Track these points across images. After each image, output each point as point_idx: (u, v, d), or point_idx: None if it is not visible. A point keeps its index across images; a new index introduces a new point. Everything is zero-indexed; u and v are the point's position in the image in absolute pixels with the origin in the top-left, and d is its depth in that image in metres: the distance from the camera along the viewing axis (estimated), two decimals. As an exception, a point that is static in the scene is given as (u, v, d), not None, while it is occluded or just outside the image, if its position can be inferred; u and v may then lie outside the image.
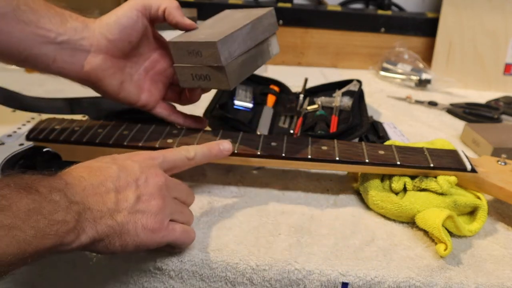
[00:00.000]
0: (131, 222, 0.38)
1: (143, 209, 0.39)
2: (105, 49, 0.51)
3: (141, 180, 0.40)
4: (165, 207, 0.40)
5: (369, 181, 0.53)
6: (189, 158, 0.46)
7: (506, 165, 0.53)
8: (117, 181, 0.39)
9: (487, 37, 0.97)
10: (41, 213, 0.32)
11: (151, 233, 0.39)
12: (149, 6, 0.51)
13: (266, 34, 0.54)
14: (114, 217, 0.37)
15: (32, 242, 0.31)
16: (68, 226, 0.33)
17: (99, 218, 0.36)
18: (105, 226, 0.36)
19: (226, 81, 0.50)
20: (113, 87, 0.53)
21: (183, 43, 0.50)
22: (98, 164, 0.40)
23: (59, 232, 0.33)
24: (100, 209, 0.37)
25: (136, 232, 0.38)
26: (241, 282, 0.44)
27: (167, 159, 0.44)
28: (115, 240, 0.37)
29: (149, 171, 0.41)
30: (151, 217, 0.39)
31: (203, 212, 0.51)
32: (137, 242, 0.38)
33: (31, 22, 0.47)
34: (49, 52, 0.49)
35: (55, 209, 0.33)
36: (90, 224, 0.35)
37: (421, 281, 0.43)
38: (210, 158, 0.48)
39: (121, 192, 0.38)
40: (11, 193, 0.31)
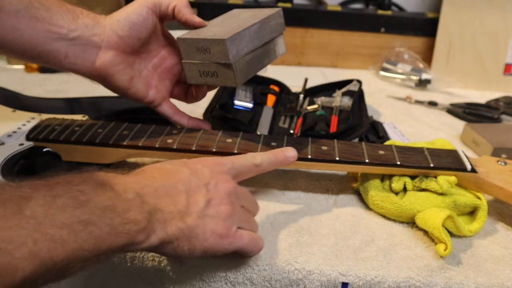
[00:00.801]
0: (200, 226, 0.38)
1: (212, 214, 0.39)
2: (116, 45, 0.51)
3: (211, 185, 0.40)
4: (233, 213, 0.40)
5: (369, 181, 0.53)
6: (256, 165, 0.45)
7: (506, 165, 0.53)
8: (188, 184, 0.39)
9: (487, 37, 0.97)
10: (115, 211, 0.32)
11: (219, 239, 0.39)
12: (159, 3, 0.52)
13: (273, 34, 0.55)
14: (184, 219, 0.37)
15: (106, 239, 0.31)
16: (140, 225, 0.34)
17: (170, 219, 0.36)
18: (175, 228, 0.36)
19: (233, 79, 0.50)
20: (123, 82, 0.53)
21: (192, 40, 0.51)
22: (169, 166, 0.40)
23: (131, 231, 0.33)
24: (170, 211, 0.37)
25: (204, 236, 0.38)
26: (241, 282, 0.44)
27: (235, 165, 0.44)
28: (183, 243, 0.37)
29: (219, 176, 0.41)
30: (220, 222, 0.39)
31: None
32: (205, 246, 0.38)
33: (44, 18, 0.48)
34: (61, 48, 0.49)
35: (128, 208, 0.33)
36: (161, 225, 0.35)
37: (421, 281, 0.43)
38: (276, 165, 0.47)
39: (192, 195, 0.38)
40: (88, 189, 0.32)
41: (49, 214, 0.29)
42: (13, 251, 0.26)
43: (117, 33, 0.51)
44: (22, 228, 0.27)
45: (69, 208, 0.30)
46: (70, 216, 0.29)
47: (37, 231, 0.28)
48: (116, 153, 0.54)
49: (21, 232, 0.27)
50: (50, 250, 0.28)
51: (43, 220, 0.28)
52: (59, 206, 0.29)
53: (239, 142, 0.53)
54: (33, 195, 0.29)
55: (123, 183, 0.35)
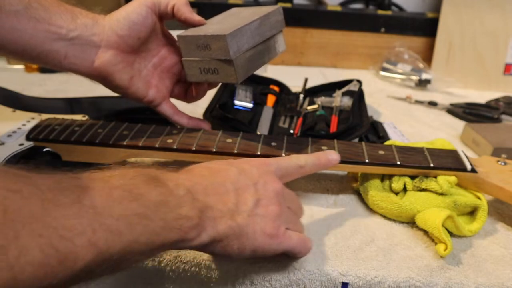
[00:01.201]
0: (250, 225, 0.37)
1: (261, 213, 0.38)
2: (115, 44, 0.51)
3: (260, 184, 0.40)
4: (282, 214, 0.40)
5: (369, 181, 0.53)
6: (301, 166, 0.45)
7: (506, 165, 0.53)
8: (237, 183, 0.39)
9: (487, 37, 0.97)
10: (168, 206, 0.32)
11: (269, 239, 0.38)
12: (158, 2, 0.52)
13: (273, 31, 0.55)
14: (234, 218, 0.37)
15: (160, 233, 0.31)
16: (192, 222, 0.34)
17: (220, 217, 0.36)
18: (225, 226, 0.36)
19: (234, 75, 0.50)
20: (123, 81, 0.53)
21: (192, 37, 0.51)
22: (217, 165, 0.40)
23: (183, 227, 0.33)
24: (221, 209, 0.36)
25: (254, 236, 0.37)
26: (241, 282, 0.44)
27: (281, 166, 0.43)
28: (233, 242, 0.37)
29: (267, 177, 0.41)
30: (269, 222, 0.38)
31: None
32: (254, 246, 0.38)
33: (43, 19, 0.48)
34: (60, 49, 0.49)
35: (180, 204, 0.33)
36: (211, 223, 0.35)
37: (421, 281, 0.43)
38: (319, 167, 0.47)
39: (241, 194, 0.38)
40: (141, 184, 0.32)
41: (106, 205, 0.29)
42: (74, 239, 0.26)
43: (116, 32, 0.51)
44: (82, 217, 0.27)
45: (125, 201, 0.30)
46: (126, 208, 0.30)
47: (96, 221, 0.28)
48: (116, 153, 0.54)
49: (81, 220, 0.27)
50: (107, 241, 0.28)
51: (101, 211, 0.28)
52: (116, 198, 0.30)
53: (239, 142, 0.53)
54: (91, 186, 0.30)
55: (175, 179, 0.35)
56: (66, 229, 0.26)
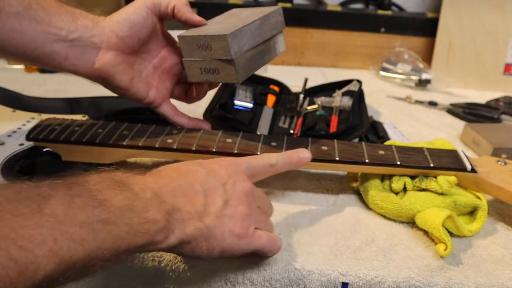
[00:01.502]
0: (219, 226, 0.37)
1: (230, 214, 0.38)
2: (116, 46, 0.51)
3: (229, 185, 0.40)
4: (251, 213, 0.40)
5: (369, 181, 0.53)
6: (272, 165, 0.45)
7: (506, 165, 0.53)
8: (205, 184, 0.39)
9: (487, 37, 0.97)
10: (134, 211, 0.32)
11: (237, 239, 0.38)
12: (158, 3, 0.52)
13: (273, 32, 0.55)
14: (202, 219, 0.37)
15: (125, 238, 0.31)
16: (159, 225, 0.33)
17: (188, 219, 0.36)
18: (193, 228, 0.36)
19: (235, 75, 0.50)
20: (123, 82, 0.53)
21: (192, 37, 0.51)
22: (185, 166, 0.40)
23: (150, 231, 0.33)
24: (188, 210, 0.36)
25: (223, 236, 0.38)
26: (241, 282, 0.44)
27: (251, 165, 0.44)
28: (202, 244, 0.37)
29: (236, 177, 0.41)
30: (238, 223, 0.38)
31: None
32: (223, 247, 0.38)
33: (43, 20, 0.48)
34: (61, 50, 0.49)
35: (147, 208, 0.33)
36: (179, 225, 0.35)
37: (421, 281, 0.43)
38: (290, 165, 0.47)
39: (209, 195, 0.38)
40: (106, 189, 0.32)
41: (68, 213, 0.29)
42: (34, 249, 0.26)
43: (116, 33, 0.51)
44: (43, 227, 0.27)
45: (88, 207, 0.30)
46: (89, 215, 0.29)
47: (57, 230, 0.27)
48: (116, 153, 0.54)
49: (42, 230, 0.27)
50: (70, 249, 0.28)
51: (62, 219, 0.28)
52: (78, 205, 0.29)
53: (239, 142, 0.53)
54: (52, 194, 0.29)
55: (141, 182, 0.35)
56: (26, 239, 0.26)
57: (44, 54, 0.49)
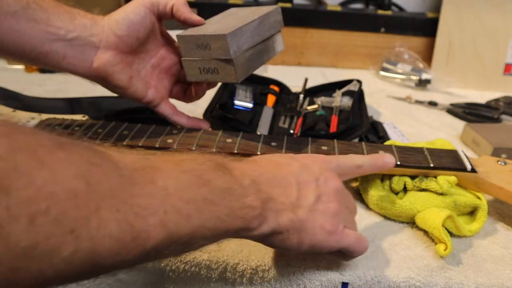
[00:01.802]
0: (310, 220, 0.37)
1: (322, 209, 0.38)
2: (114, 45, 0.51)
3: (321, 180, 0.40)
4: (341, 211, 0.40)
5: (369, 181, 0.53)
6: (359, 166, 0.45)
7: (506, 165, 0.53)
8: (299, 177, 0.39)
9: (487, 37, 0.97)
10: (234, 194, 0.33)
11: (327, 235, 0.38)
12: (157, 3, 0.52)
13: (272, 31, 0.55)
14: (295, 212, 0.37)
15: (225, 220, 0.32)
16: (255, 212, 0.34)
17: (281, 210, 0.36)
18: (286, 219, 0.36)
19: (234, 74, 0.50)
20: (122, 82, 0.53)
21: (191, 37, 0.51)
22: (279, 159, 0.41)
23: (247, 216, 0.33)
24: (283, 201, 0.37)
25: (314, 231, 0.38)
26: (241, 282, 0.44)
27: (340, 164, 0.44)
28: (293, 236, 0.37)
29: (327, 173, 0.41)
30: (328, 219, 0.38)
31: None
32: (313, 241, 0.38)
33: (41, 20, 0.48)
34: (59, 49, 0.49)
35: (245, 193, 0.34)
36: (273, 214, 0.36)
37: (421, 281, 0.43)
38: (375, 169, 0.47)
39: (302, 189, 0.38)
40: (210, 170, 0.33)
41: (178, 188, 0.29)
42: (148, 218, 0.27)
43: (115, 33, 0.51)
44: (155, 198, 0.28)
45: (194, 185, 0.31)
46: (195, 193, 0.30)
47: (167, 202, 0.28)
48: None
49: (154, 201, 0.28)
50: (177, 223, 0.29)
51: (172, 192, 0.29)
52: (186, 182, 0.30)
53: (239, 142, 0.53)
54: (163, 168, 0.30)
55: (240, 168, 0.36)
56: (141, 207, 0.27)
57: (43, 54, 0.49)
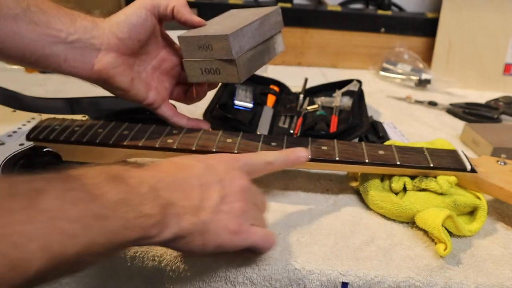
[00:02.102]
0: (214, 221, 0.38)
1: (226, 210, 0.39)
2: (115, 47, 0.51)
3: (226, 181, 0.40)
4: (247, 210, 0.40)
5: (369, 181, 0.53)
6: (269, 163, 0.45)
7: (505, 165, 0.53)
8: (203, 179, 0.39)
9: (487, 37, 0.97)
10: (129, 205, 0.32)
11: (232, 235, 0.39)
12: (157, 4, 0.52)
13: (272, 32, 0.55)
14: (197, 214, 0.37)
15: (119, 233, 0.31)
16: (154, 219, 0.34)
17: (183, 214, 0.36)
18: (188, 223, 0.36)
19: (236, 75, 0.50)
20: (124, 84, 0.53)
21: (193, 37, 0.51)
22: (183, 161, 0.40)
23: (144, 225, 0.33)
24: (184, 205, 0.36)
25: (217, 232, 0.38)
26: (241, 282, 0.44)
27: (249, 162, 0.44)
28: (197, 239, 0.37)
29: (234, 173, 0.41)
30: (233, 219, 0.39)
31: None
32: (217, 242, 0.38)
33: (42, 22, 0.48)
34: (60, 52, 0.49)
35: (142, 202, 0.33)
36: (175, 219, 0.35)
37: (421, 280, 0.43)
38: (287, 164, 0.48)
39: (206, 190, 0.38)
40: (102, 183, 0.32)
41: (62, 208, 0.29)
42: (26, 245, 0.26)
43: (116, 35, 0.51)
44: (35, 222, 0.27)
45: (82, 202, 0.30)
46: (82, 210, 0.29)
47: (50, 225, 0.27)
48: (116, 153, 0.54)
49: (35, 225, 0.27)
50: (62, 245, 0.28)
51: (56, 214, 0.28)
52: (72, 199, 0.29)
53: (239, 142, 0.53)
54: (47, 188, 0.29)
55: (138, 176, 0.35)
56: (18, 235, 0.26)
57: (43, 57, 0.49)
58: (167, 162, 0.40)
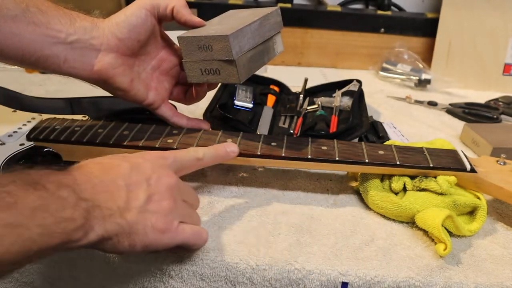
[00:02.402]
0: (141, 221, 0.37)
1: (153, 209, 0.38)
2: (115, 47, 0.51)
3: (153, 180, 0.40)
4: (175, 208, 0.40)
5: (369, 181, 0.53)
6: (198, 159, 0.45)
7: (505, 165, 0.53)
8: (129, 179, 0.38)
9: (487, 37, 0.97)
10: (48, 211, 0.31)
11: (160, 234, 0.38)
12: (157, 5, 0.52)
13: (272, 32, 0.55)
14: (123, 215, 0.37)
15: (37, 240, 0.30)
16: (76, 223, 0.33)
17: (108, 216, 0.36)
18: (114, 224, 0.36)
19: (236, 75, 0.50)
20: (124, 84, 0.53)
21: (193, 38, 0.51)
22: (109, 161, 0.40)
23: (66, 230, 0.32)
24: (109, 206, 0.36)
25: (145, 232, 0.38)
26: (241, 282, 0.44)
27: (178, 159, 0.44)
28: (123, 239, 0.37)
29: (161, 171, 0.41)
30: (160, 218, 0.39)
31: (203, 212, 0.51)
32: (145, 242, 0.38)
33: (41, 23, 0.48)
34: (59, 53, 0.49)
35: (63, 206, 0.32)
36: (99, 222, 0.35)
37: (421, 280, 0.43)
38: (217, 159, 0.48)
39: (132, 190, 0.38)
40: (17, 190, 0.31)
41: None
42: None
43: (116, 35, 0.51)
44: None
45: None
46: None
47: None
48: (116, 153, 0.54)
49: None
50: None
51: None
52: None
53: (239, 142, 0.53)
54: None
55: (57, 180, 0.34)
56: None
57: (43, 57, 0.49)
58: (91, 163, 0.39)
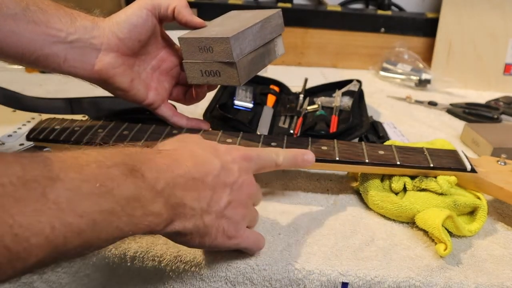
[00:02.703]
0: (215, 225, 0.38)
1: (229, 215, 0.39)
2: (116, 47, 0.51)
3: (237, 185, 0.40)
4: (247, 215, 0.41)
5: (369, 181, 0.53)
6: (277, 164, 0.45)
7: (505, 165, 0.53)
8: (217, 179, 0.39)
9: (487, 37, 0.97)
10: (140, 201, 0.32)
11: (227, 239, 0.40)
12: (158, 5, 0.52)
13: (273, 34, 0.55)
14: (203, 217, 0.37)
15: (123, 229, 0.31)
16: (161, 218, 0.34)
17: (190, 216, 0.37)
18: (192, 225, 0.37)
19: (236, 77, 0.50)
20: (124, 84, 0.53)
21: (194, 39, 0.51)
22: (202, 153, 0.39)
23: (151, 224, 0.33)
24: (194, 207, 0.37)
25: (216, 235, 0.39)
26: (241, 282, 0.44)
27: (260, 160, 0.44)
28: (195, 238, 0.38)
29: (245, 177, 0.41)
30: (232, 225, 0.40)
31: (203, 212, 0.51)
32: (213, 243, 0.39)
33: (41, 22, 0.48)
34: (60, 52, 0.49)
35: (154, 199, 0.33)
36: (180, 219, 0.36)
37: (421, 281, 0.43)
38: (293, 165, 0.47)
39: (217, 192, 0.39)
40: (118, 175, 0.31)
41: (73, 200, 0.28)
42: (30, 238, 0.26)
43: (116, 35, 0.51)
44: (43, 214, 0.27)
45: (93, 196, 0.29)
46: (92, 205, 0.29)
47: (57, 218, 0.27)
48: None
49: (41, 218, 0.26)
50: (66, 238, 0.28)
51: (65, 207, 0.28)
52: (84, 192, 0.29)
53: (239, 142, 0.53)
54: (61, 177, 0.28)
55: (157, 170, 0.34)
56: (23, 227, 0.25)
57: (43, 56, 0.49)
58: (186, 153, 0.38)
